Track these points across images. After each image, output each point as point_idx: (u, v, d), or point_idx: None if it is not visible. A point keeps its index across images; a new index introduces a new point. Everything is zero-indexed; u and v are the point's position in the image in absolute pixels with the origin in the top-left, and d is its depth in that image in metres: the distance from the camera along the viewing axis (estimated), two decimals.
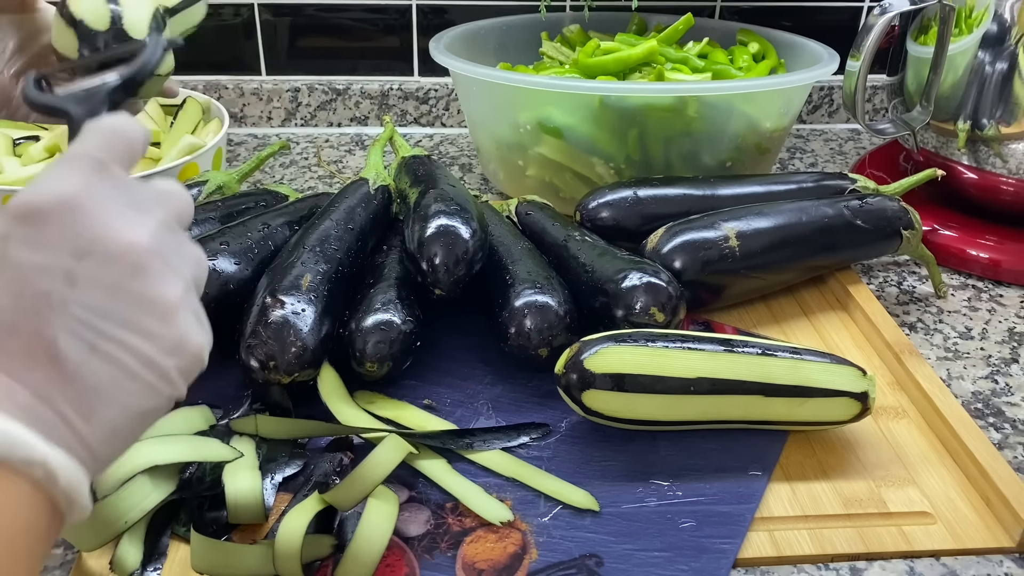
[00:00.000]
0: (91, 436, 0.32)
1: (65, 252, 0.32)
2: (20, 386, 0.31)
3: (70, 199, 0.33)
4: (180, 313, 0.35)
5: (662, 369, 0.52)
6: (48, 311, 0.31)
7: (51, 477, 0.30)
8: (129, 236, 0.33)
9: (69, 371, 0.31)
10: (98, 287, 0.32)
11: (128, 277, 0.33)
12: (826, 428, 0.57)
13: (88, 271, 0.32)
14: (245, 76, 1.08)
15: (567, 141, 0.79)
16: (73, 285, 0.32)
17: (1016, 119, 0.74)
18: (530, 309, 0.58)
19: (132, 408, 0.33)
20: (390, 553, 0.47)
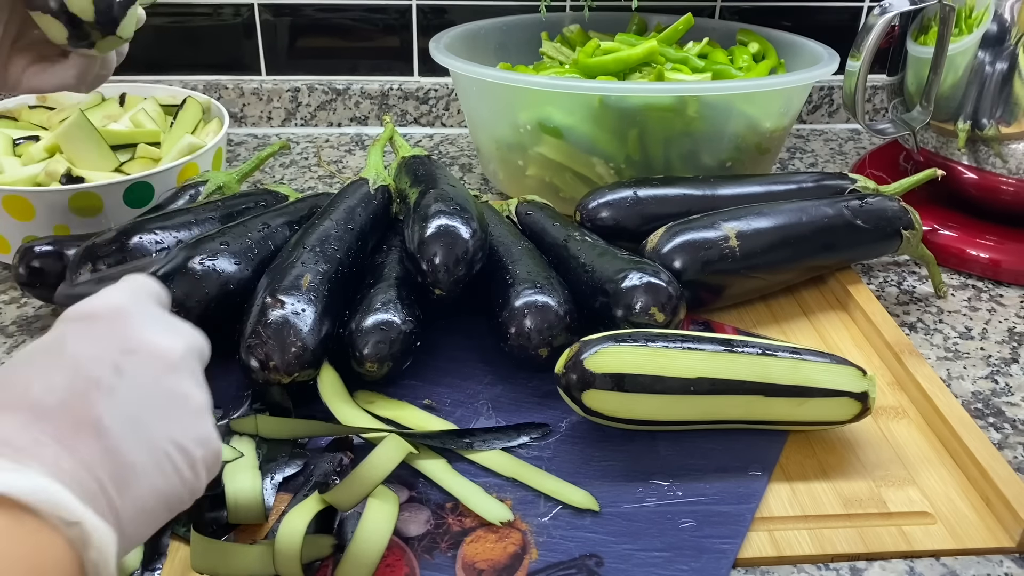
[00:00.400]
0: (123, 510, 0.34)
1: (114, 347, 0.37)
2: (67, 454, 0.33)
3: (120, 307, 0.39)
4: (207, 414, 0.40)
5: (662, 369, 0.52)
6: (97, 393, 0.35)
7: (85, 540, 0.32)
8: (168, 343, 0.39)
9: (110, 447, 0.34)
10: (141, 379, 0.37)
11: (166, 374, 0.38)
12: (826, 428, 0.57)
13: (133, 365, 0.37)
14: (245, 76, 1.08)
15: (567, 141, 0.79)
16: (120, 375, 0.36)
17: (1016, 119, 0.74)
18: (530, 309, 0.58)
19: (160, 490, 0.36)
20: (390, 553, 0.47)
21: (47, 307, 0.70)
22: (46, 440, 0.33)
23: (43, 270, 0.64)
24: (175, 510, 0.38)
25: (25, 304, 0.71)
